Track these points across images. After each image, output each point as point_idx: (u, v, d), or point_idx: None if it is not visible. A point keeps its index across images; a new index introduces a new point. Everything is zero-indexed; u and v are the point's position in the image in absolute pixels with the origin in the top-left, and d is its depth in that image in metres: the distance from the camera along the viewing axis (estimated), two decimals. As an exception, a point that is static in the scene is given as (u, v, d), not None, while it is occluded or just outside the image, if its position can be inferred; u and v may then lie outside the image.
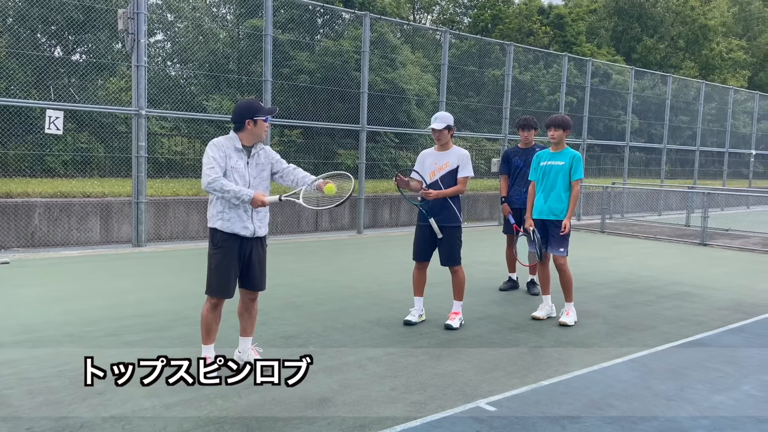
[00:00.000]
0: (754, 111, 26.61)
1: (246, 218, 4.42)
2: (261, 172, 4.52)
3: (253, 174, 4.46)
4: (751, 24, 49.47)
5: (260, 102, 4.51)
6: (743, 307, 7.25)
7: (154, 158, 13.23)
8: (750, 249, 12.33)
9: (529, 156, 7.12)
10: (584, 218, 17.59)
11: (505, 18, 35.72)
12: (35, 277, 7.75)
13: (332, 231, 13.33)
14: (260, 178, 4.52)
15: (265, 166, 4.56)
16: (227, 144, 4.40)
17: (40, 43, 13.64)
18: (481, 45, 20.57)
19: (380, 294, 7.35)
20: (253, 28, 14.86)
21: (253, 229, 4.45)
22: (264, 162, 4.55)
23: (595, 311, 6.85)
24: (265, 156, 4.57)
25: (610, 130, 20.76)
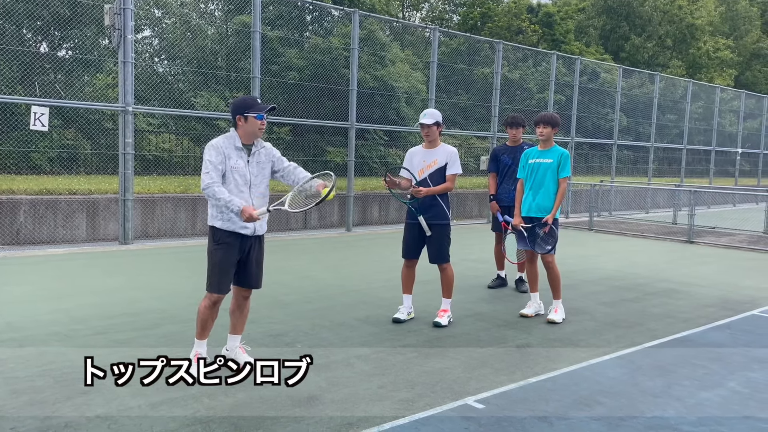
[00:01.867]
0: (740, 110, 26.83)
1: None
2: (262, 170, 4.48)
3: (254, 173, 4.42)
4: (738, 23, 49.90)
5: (257, 99, 4.44)
6: (729, 305, 7.31)
7: (142, 155, 13.13)
8: (736, 246, 12.44)
9: (518, 154, 7.13)
10: (572, 216, 17.67)
11: (494, 16, 35.79)
12: (21, 276, 7.67)
13: (321, 229, 13.30)
14: (261, 176, 4.47)
15: (266, 165, 4.51)
16: (226, 144, 4.35)
17: (26, 38, 13.49)
18: (470, 43, 20.59)
19: (369, 292, 7.34)
20: (242, 25, 14.78)
21: (253, 227, 4.43)
22: (264, 160, 4.50)
23: (583, 308, 6.87)
24: (266, 154, 4.52)
25: (598, 128, 20.86)
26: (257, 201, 4.42)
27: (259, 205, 4.39)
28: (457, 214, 15.79)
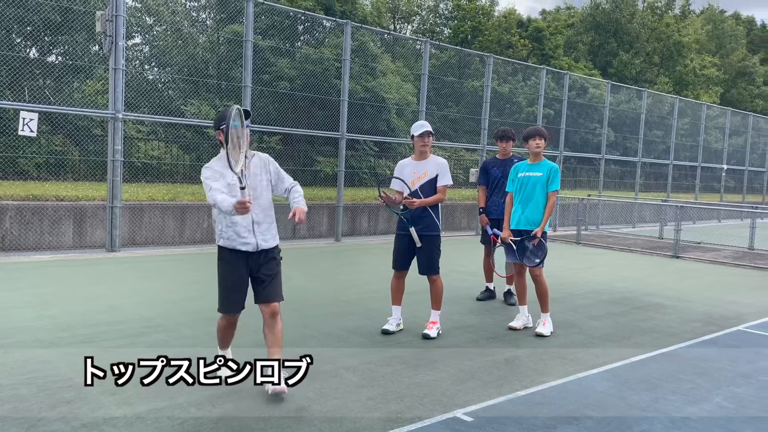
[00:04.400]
0: (725, 126, 27.18)
1: (245, 233, 4.30)
2: (260, 182, 4.34)
3: (253, 185, 4.29)
4: (724, 41, 50.70)
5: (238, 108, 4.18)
6: (715, 320, 7.36)
7: (130, 162, 13.06)
8: (721, 262, 12.56)
9: (507, 167, 7.16)
10: (560, 229, 17.77)
11: (485, 30, 36.09)
12: (6, 282, 7.58)
13: (310, 239, 13.27)
14: (260, 189, 4.34)
15: (261, 176, 4.36)
16: (218, 164, 4.29)
17: (15, 43, 13.41)
18: (461, 56, 20.74)
19: (358, 302, 7.32)
20: (234, 34, 14.79)
21: (255, 243, 4.32)
22: (258, 172, 4.35)
23: (571, 322, 6.90)
24: (259, 165, 4.36)
25: (586, 142, 21.04)
26: (259, 215, 4.34)
27: (260, 218, 4.35)
28: (446, 226, 15.83)
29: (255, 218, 4.33)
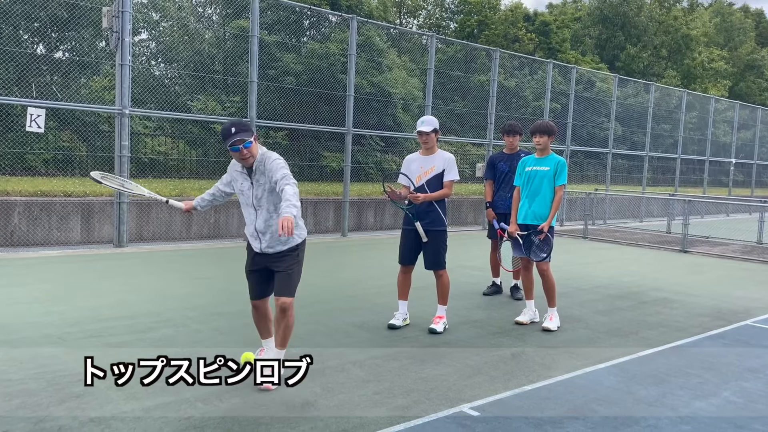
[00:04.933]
0: (734, 120, 27.00)
1: (255, 237, 4.50)
2: (264, 191, 4.38)
3: (257, 194, 4.40)
4: (732, 34, 50.30)
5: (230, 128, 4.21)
6: (723, 314, 7.33)
7: (137, 158, 13.10)
8: (729, 256, 12.49)
9: (514, 161, 7.14)
10: (567, 224, 17.72)
11: (491, 24, 35.96)
12: (14, 277, 7.63)
13: (316, 234, 13.28)
14: (266, 196, 4.39)
15: (265, 184, 4.38)
16: (233, 167, 4.56)
17: (23, 39, 13.46)
18: (467, 50, 20.68)
19: (364, 297, 7.33)
20: (240, 29, 14.80)
21: (259, 246, 4.50)
22: (263, 180, 4.38)
23: (578, 316, 6.88)
24: (264, 172, 4.37)
25: (593, 136, 20.95)
26: (261, 225, 4.42)
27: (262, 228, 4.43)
28: (452, 221, 15.81)
29: (258, 227, 4.46)
